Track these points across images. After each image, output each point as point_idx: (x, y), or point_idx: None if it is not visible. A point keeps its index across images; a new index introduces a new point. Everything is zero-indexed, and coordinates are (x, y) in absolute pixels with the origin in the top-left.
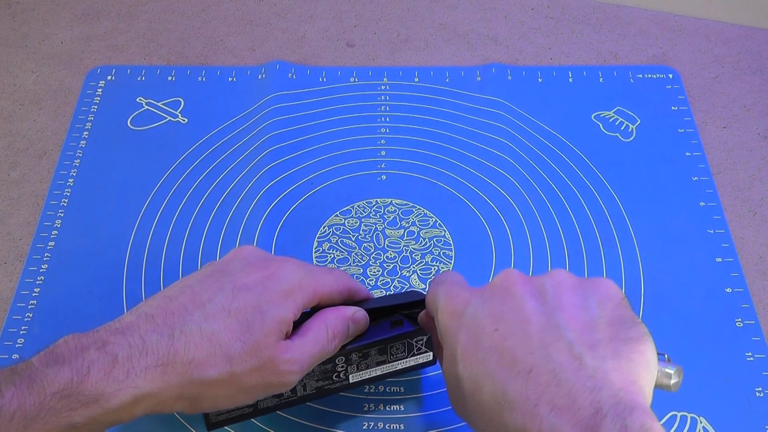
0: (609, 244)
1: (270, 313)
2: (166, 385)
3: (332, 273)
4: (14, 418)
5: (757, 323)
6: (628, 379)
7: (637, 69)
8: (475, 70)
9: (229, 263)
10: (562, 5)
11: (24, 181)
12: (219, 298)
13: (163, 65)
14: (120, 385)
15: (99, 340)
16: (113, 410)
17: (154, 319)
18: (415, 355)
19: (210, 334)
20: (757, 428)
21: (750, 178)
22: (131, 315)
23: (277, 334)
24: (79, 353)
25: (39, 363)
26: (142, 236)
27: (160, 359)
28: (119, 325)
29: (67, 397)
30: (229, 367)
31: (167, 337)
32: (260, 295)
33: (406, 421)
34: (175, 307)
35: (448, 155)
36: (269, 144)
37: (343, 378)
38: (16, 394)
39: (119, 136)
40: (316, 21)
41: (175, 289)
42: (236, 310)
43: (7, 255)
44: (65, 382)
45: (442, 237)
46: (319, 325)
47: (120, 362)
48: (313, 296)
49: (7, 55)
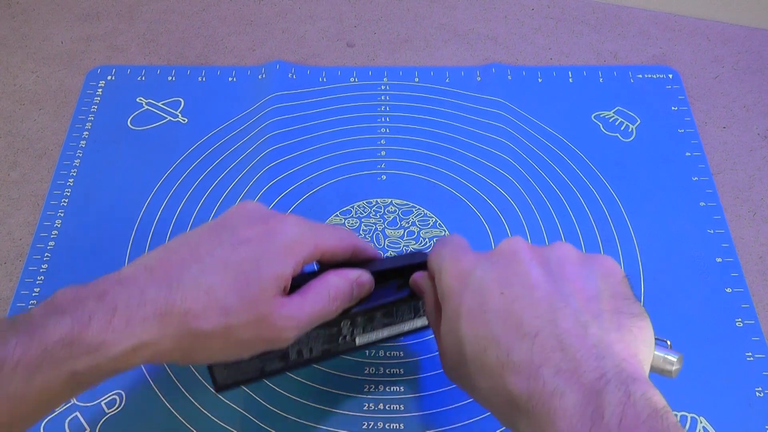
0: (609, 244)
1: (268, 268)
2: (163, 335)
3: (336, 230)
4: (18, 365)
5: (757, 323)
6: (630, 352)
7: (637, 69)
8: (475, 70)
9: (231, 218)
10: (562, 5)
11: (24, 181)
12: (218, 252)
13: (163, 65)
14: (120, 334)
15: (98, 291)
16: (113, 358)
17: (153, 271)
18: (421, 317)
19: (207, 287)
20: (757, 428)
21: (750, 178)
22: (130, 267)
23: (274, 290)
24: (78, 303)
25: (39, 313)
26: (142, 236)
27: (157, 310)
28: (118, 277)
29: (69, 345)
30: (224, 320)
31: (165, 288)
32: (259, 249)
33: (406, 421)
34: (174, 259)
35: (448, 155)
36: (269, 144)
37: (349, 341)
38: (19, 343)
39: (119, 136)
40: (316, 21)
41: (176, 243)
42: (234, 263)
43: (7, 255)
44: (66, 330)
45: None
46: (321, 286)
47: (119, 312)
48: (314, 251)
49: (7, 55)
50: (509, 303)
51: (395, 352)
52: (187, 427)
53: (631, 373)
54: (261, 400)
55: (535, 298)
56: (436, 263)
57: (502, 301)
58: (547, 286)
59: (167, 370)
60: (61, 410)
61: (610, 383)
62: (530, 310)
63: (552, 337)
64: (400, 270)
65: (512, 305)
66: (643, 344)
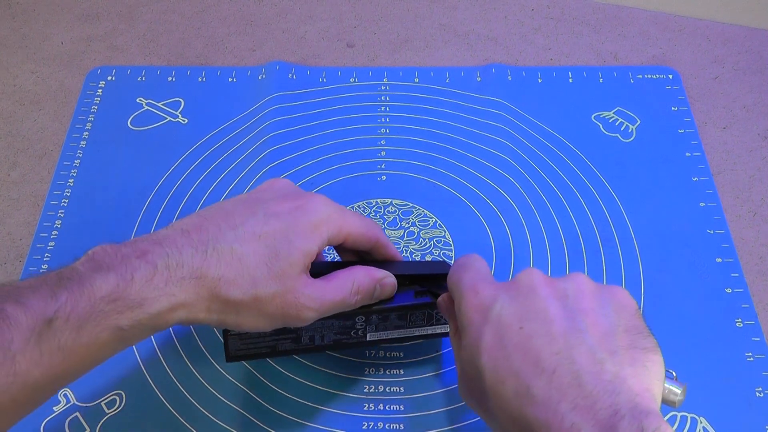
0: (609, 244)
1: (296, 244)
2: (197, 297)
3: (363, 218)
4: (69, 319)
5: (757, 323)
6: (643, 387)
7: (637, 69)
8: (475, 70)
9: (264, 192)
10: (562, 5)
11: (24, 181)
12: (251, 222)
13: (163, 65)
14: (160, 291)
15: (138, 250)
16: (153, 316)
17: (189, 234)
18: (433, 325)
19: (240, 255)
20: (757, 428)
21: (750, 178)
22: (167, 229)
23: (300, 266)
24: (121, 260)
25: (84, 269)
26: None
27: (193, 272)
28: (156, 238)
29: (115, 301)
30: (253, 290)
31: (201, 252)
32: (289, 224)
33: (406, 421)
34: (209, 225)
35: (448, 155)
36: (269, 144)
37: (361, 335)
38: (70, 298)
39: (119, 136)
40: (316, 21)
41: (211, 211)
42: (265, 235)
43: (7, 255)
44: (112, 286)
45: (442, 237)
46: (347, 277)
47: (159, 271)
48: (339, 232)
49: (7, 55)
50: (528, 338)
51: (395, 353)
52: (187, 427)
53: (645, 408)
54: (261, 400)
55: (553, 334)
56: (456, 289)
57: (521, 337)
58: (564, 321)
59: (167, 370)
60: (61, 410)
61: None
62: (548, 346)
63: (569, 373)
64: (422, 277)
65: (531, 341)
66: (655, 378)
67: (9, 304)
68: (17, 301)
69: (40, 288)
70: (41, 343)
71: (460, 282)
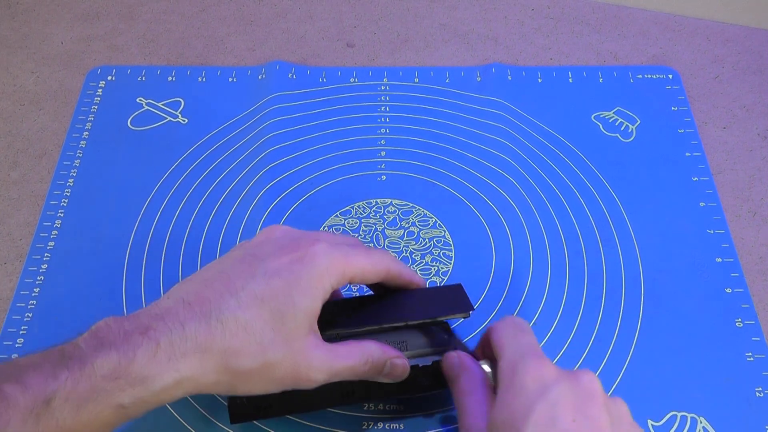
0: (609, 244)
1: (300, 304)
2: (204, 370)
3: (369, 253)
4: (68, 399)
5: (757, 323)
6: None
7: (637, 69)
8: (475, 70)
9: (261, 246)
10: (562, 5)
11: (24, 181)
12: (251, 286)
13: (163, 65)
14: (163, 368)
15: (141, 326)
16: (157, 392)
17: (191, 305)
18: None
19: (245, 323)
20: (757, 428)
21: (750, 178)
22: (168, 300)
23: (306, 326)
24: (124, 337)
25: (86, 346)
26: (142, 236)
27: (198, 346)
28: (158, 311)
29: (116, 379)
30: (262, 357)
31: (205, 324)
32: (290, 281)
33: (406, 421)
34: (210, 293)
35: (448, 155)
36: (269, 144)
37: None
38: (70, 378)
39: (119, 136)
40: (316, 21)
41: (209, 273)
42: (268, 297)
43: (7, 255)
44: (114, 365)
45: (442, 237)
46: (360, 347)
47: (162, 347)
48: (341, 277)
49: (7, 55)
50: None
51: None
52: (187, 427)
53: None
54: None
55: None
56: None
57: (572, 428)
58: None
59: None
60: None
61: None
62: None
63: None
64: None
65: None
66: None
67: (8, 385)
68: (17, 381)
69: (41, 366)
70: (39, 423)
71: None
